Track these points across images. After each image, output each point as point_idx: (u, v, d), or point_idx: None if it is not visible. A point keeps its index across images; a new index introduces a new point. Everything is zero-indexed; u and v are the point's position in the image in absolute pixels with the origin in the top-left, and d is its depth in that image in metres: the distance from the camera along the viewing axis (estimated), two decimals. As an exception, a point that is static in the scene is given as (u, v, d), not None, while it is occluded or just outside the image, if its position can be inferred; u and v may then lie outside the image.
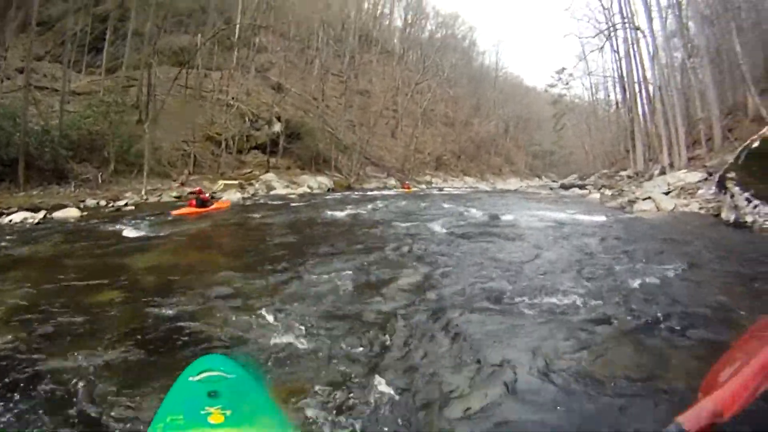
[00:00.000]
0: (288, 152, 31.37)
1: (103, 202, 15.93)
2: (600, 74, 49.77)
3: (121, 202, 16.02)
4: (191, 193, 17.35)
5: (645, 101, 32.38)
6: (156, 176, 21.50)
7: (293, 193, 22.77)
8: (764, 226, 8.76)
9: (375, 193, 27.11)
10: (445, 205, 16.14)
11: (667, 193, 15.31)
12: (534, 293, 4.50)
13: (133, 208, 14.87)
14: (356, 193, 26.85)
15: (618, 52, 37.92)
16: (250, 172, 26.04)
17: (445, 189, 37.41)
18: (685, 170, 18.50)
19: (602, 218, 11.60)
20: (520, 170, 77.93)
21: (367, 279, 5.33)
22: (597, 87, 53.81)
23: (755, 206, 9.18)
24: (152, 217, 11.81)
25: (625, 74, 37.64)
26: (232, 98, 29.75)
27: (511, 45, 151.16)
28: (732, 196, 9.80)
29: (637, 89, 32.81)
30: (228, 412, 1.85)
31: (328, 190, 27.58)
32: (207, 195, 14.69)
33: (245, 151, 28.90)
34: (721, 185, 10.54)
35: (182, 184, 21.27)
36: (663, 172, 22.87)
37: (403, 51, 65.71)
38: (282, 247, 7.90)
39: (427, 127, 59.29)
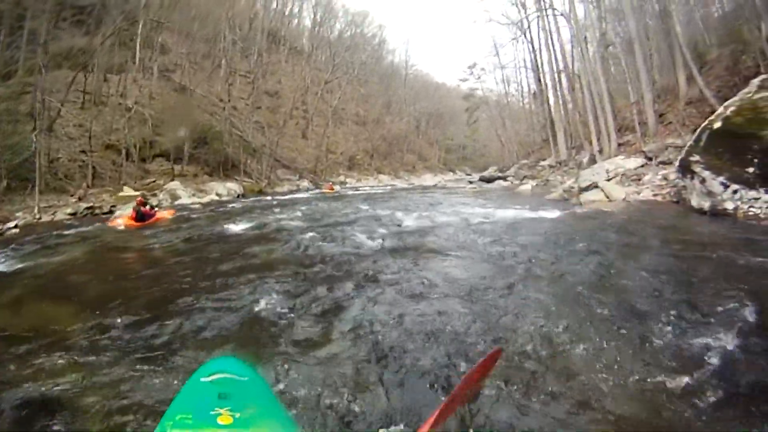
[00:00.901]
0: (195, 158, 30.40)
1: None
2: (513, 66, 51.61)
3: (11, 224, 14.64)
4: (87, 208, 16.80)
5: (567, 90, 33.34)
6: (52, 191, 20.19)
7: (199, 202, 21.98)
8: (749, 213, 8.23)
9: (289, 197, 26.60)
10: (367, 208, 15.44)
11: (608, 180, 15.31)
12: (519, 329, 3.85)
13: (17, 231, 13.47)
14: (268, 197, 26.37)
15: (532, 44, 39.26)
16: (153, 182, 25.02)
17: (361, 189, 37.26)
18: (622, 156, 18.67)
19: (553, 214, 11.08)
20: (434, 166, 78.84)
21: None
22: (509, 80, 55.86)
23: (734, 191, 8.63)
24: (34, 244, 10.56)
25: (540, 64, 39.08)
26: (134, 102, 28.52)
27: (420, 42, 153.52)
28: (702, 181, 9.26)
29: (556, 78, 33.92)
30: (237, 415, 1.88)
31: (238, 196, 26.91)
32: (148, 207, 13.89)
33: (149, 159, 27.75)
34: (685, 169, 9.98)
35: (80, 199, 20.15)
36: (593, 160, 23.46)
37: (312, 49, 65.20)
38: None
39: (339, 127, 59.37)
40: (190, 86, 35.61)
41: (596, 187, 14.58)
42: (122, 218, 13.27)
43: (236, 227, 11.52)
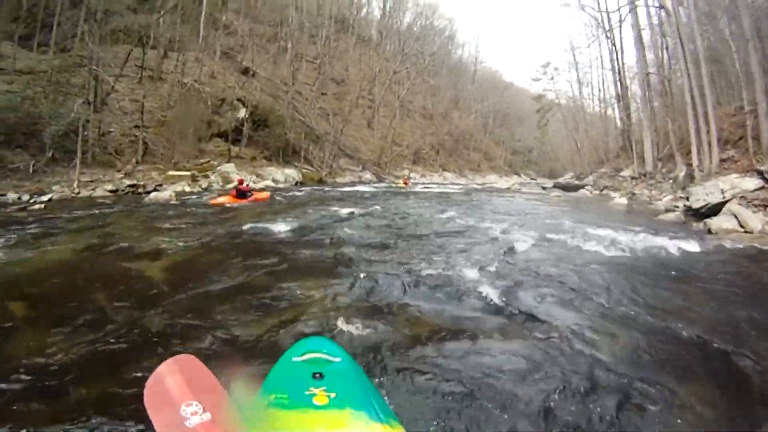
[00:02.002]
0: (254, 141, 28.53)
1: (26, 197, 13.61)
2: (589, 67, 48.15)
3: (44, 197, 13.64)
4: (130, 185, 15.32)
5: (657, 94, 29.83)
6: (99, 165, 18.97)
7: (254, 187, 19.96)
8: None
9: (353, 188, 24.26)
10: (453, 215, 12.30)
11: (724, 202, 12.40)
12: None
13: (42, 207, 11.87)
14: (328, 188, 24.16)
15: (614, 42, 36.13)
16: (207, 162, 23.22)
17: (429, 186, 34.51)
18: (736, 175, 15.21)
19: (691, 246, 8.16)
20: (499, 167, 76.06)
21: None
22: (584, 81, 52.09)
23: None
24: (38, 224, 8.97)
25: (622, 65, 35.89)
26: (194, 81, 26.93)
27: (491, 39, 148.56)
28: None
29: (643, 81, 30.53)
30: (332, 395, 1.84)
31: (296, 183, 24.97)
32: (246, 186, 14.92)
33: (206, 138, 25.99)
34: None
35: (126, 175, 18.58)
36: (690, 176, 20.55)
37: (380, 39, 63.09)
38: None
39: (405, 119, 56.88)
40: (254, 68, 33.84)
41: (719, 211, 11.95)
42: (224, 197, 14.03)
43: (284, 228, 9.02)
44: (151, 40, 27.10)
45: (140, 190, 16.47)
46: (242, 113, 27.47)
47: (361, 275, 5.38)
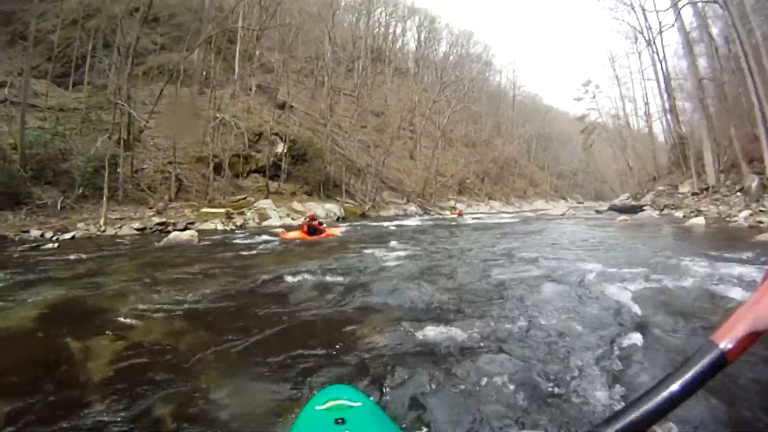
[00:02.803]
0: (293, 176, 27.35)
1: (49, 233, 13.09)
2: (634, 81, 46.14)
3: (68, 235, 13.13)
4: (159, 223, 14.13)
5: (712, 100, 27.49)
6: (131, 202, 18.29)
7: (292, 224, 18.57)
8: None
9: (396, 223, 21.74)
10: (521, 252, 9.80)
11: None
12: None
13: (55, 246, 10.73)
14: (372, 223, 22.11)
15: (658, 54, 34.19)
16: (243, 199, 21.96)
17: (480, 216, 32.60)
18: None
19: None
20: (545, 192, 74.68)
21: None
22: (627, 97, 49.84)
23: None
24: (35, 267, 7.88)
25: (666, 74, 33.89)
26: (231, 116, 26.08)
27: (528, 63, 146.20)
28: None
29: (696, 87, 28.30)
30: None
31: (338, 219, 23.42)
32: (317, 222, 14.33)
33: (243, 174, 24.92)
34: None
35: (158, 213, 17.46)
36: (763, 187, 18.42)
37: (417, 69, 62.23)
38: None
39: (447, 149, 55.45)
40: (290, 102, 32.95)
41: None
42: (295, 232, 13.88)
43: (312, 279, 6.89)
44: (182, 76, 26.52)
45: (169, 228, 15.22)
46: (280, 147, 26.37)
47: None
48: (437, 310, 5.06)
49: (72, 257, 8.95)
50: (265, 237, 13.58)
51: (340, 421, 1.84)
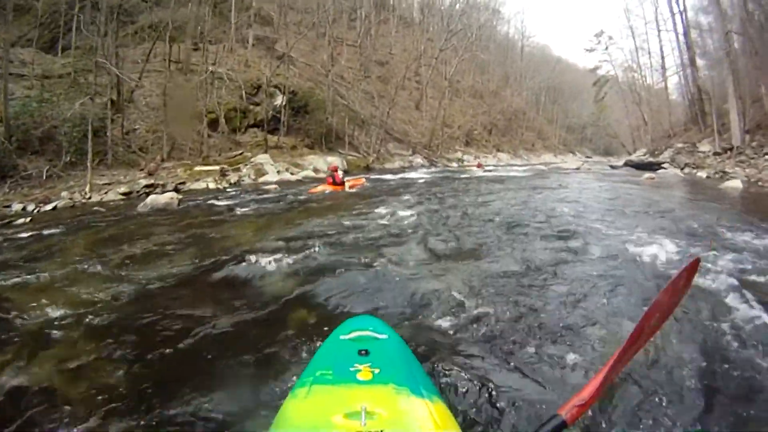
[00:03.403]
0: (294, 129, 26.24)
1: (31, 206, 12.04)
2: (649, 34, 44.50)
3: (50, 206, 12.18)
4: (147, 186, 13.55)
5: (743, 53, 25.76)
6: (122, 165, 17.19)
7: (290, 179, 17.96)
8: None
9: (402, 176, 20.96)
10: (556, 209, 9.00)
11: None
12: None
13: (27, 221, 9.68)
14: (376, 176, 21.17)
15: (678, 3, 32.51)
16: (240, 155, 20.91)
17: (491, 168, 31.26)
18: None
19: None
20: (553, 146, 73.54)
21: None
22: (643, 50, 47.95)
23: None
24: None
25: (687, 27, 32.29)
26: (228, 71, 24.93)
27: (537, 12, 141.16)
28: None
29: (720, 40, 26.68)
30: (377, 371, 1.83)
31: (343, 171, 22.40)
32: (339, 174, 14.49)
33: (241, 129, 23.89)
34: None
35: (149, 174, 16.52)
36: None
37: (422, 17, 60.03)
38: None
39: (454, 100, 53.66)
40: (290, 54, 31.60)
41: None
42: (321, 186, 13.74)
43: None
44: (169, 30, 25.03)
45: (157, 190, 14.21)
46: (279, 100, 25.18)
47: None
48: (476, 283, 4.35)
49: (38, 233, 7.90)
50: (254, 196, 12.73)
51: (363, 352, 1.96)
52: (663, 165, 26.17)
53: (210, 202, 11.46)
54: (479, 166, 30.31)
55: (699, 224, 7.27)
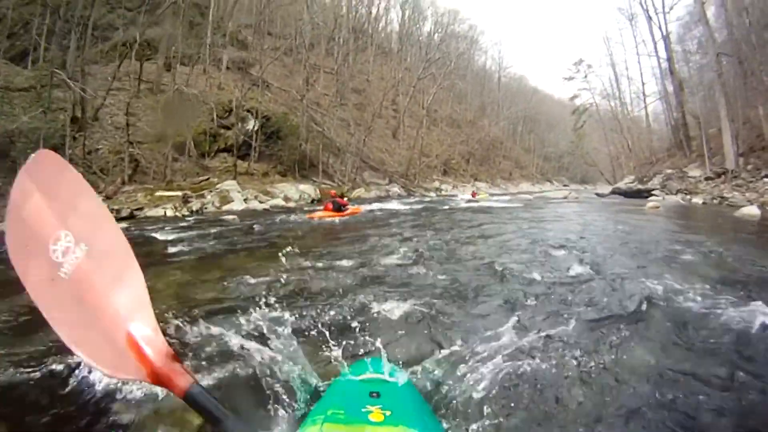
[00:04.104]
0: (266, 156, 25.39)
1: None
2: (631, 57, 44.78)
3: None
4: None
5: (732, 74, 25.53)
6: None
7: (256, 208, 16.88)
8: None
9: (382, 206, 19.30)
10: (564, 251, 7.23)
11: None
12: None
13: None
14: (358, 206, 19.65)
15: (661, 29, 32.66)
16: (205, 180, 19.91)
17: (468, 198, 29.65)
18: None
19: None
20: (531, 175, 73.87)
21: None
22: (622, 76, 48.50)
23: None
24: None
25: (668, 53, 32.44)
26: (200, 92, 24.14)
27: (513, 43, 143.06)
28: None
29: (711, 64, 26.57)
30: (388, 413, 1.76)
31: (312, 201, 21.38)
32: (345, 200, 14.82)
33: (210, 154, 22.94)
34: None
35: (108, 197, 15.50)
36: None
37: (401, 47, 60.01)
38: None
39: (432, 129, 53.74)
40: (265, 78, 30.89)
41: None
42: (320, 212, 13.67)
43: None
44: (145, 51, 24.41)
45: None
46: (251, 124, 24.35)
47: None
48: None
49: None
50: (208, 229, 10.88)
51: (375, 394, 1.93)
52: (653, 192, 25.61)
53: (153, 235, 9.75)
54: (473, 195, 29.70)
55: (747, 266, 6.21)
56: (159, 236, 9.28)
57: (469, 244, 8.17)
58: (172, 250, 7.61)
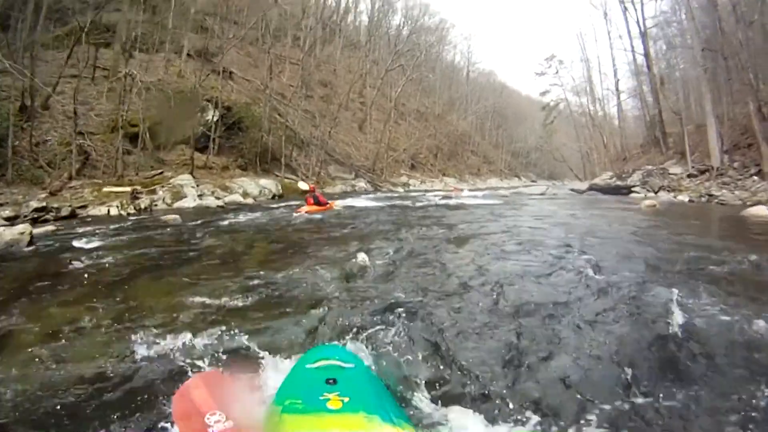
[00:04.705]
0: (226, 148, 24.37)
1: None
2: (603, 53, 44.90)
3: None
4: (38, 209, 11.33)
5: (724, 70, 25.17)
6: (25, 182, 15.12)
7: (209, 205, 15.98)
8: None
9: (351, 203, 17.86)
10: (566, 254, 6.51)
11: None
12: None
13: None
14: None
15: (639, 24, 32.54)
16: (159, 174, 18.85)
17: (439, 193, 27.75)
18: None
19: None
20: (499, 170, 74.08)
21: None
22: (594, 70, 48.58)
23: None
24: None
25: (645, 48, 32.39)
26: (158, 80, 23.13)
27: (482, 39, 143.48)
28: None
29: (696, 58, 26.33)
30: (346, 399, 1.84)
31: (274, 197, 20.67)
32: (320, 194, 14.71)
33: (168, 146, 21.90)
34: None
35: (52, 194, 14.50)
36: None
37: (369, 38, 59.21)
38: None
39: (400, 123, 53.16)
40: (228, 67, 29.87)
41: None
42: (305, 207, 13.44)
43: None
44: (103, 37, 23.69)
45: (50, 215, 11.98)
46: (210, 114, 23.35)
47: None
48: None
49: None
50: (144, 231, 9.75)
51: (331, 381, 2.01)
52: (633, 189, 25.13)
53: (76, 244, 7.96)
54: (455, 190, 27.64)
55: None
56: (82, 244, 7.88)
57: (452, 245, 7.53)
58: (80, 265, 6.11)
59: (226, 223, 11.41)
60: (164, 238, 8.99)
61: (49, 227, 9.81)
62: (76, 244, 7.88)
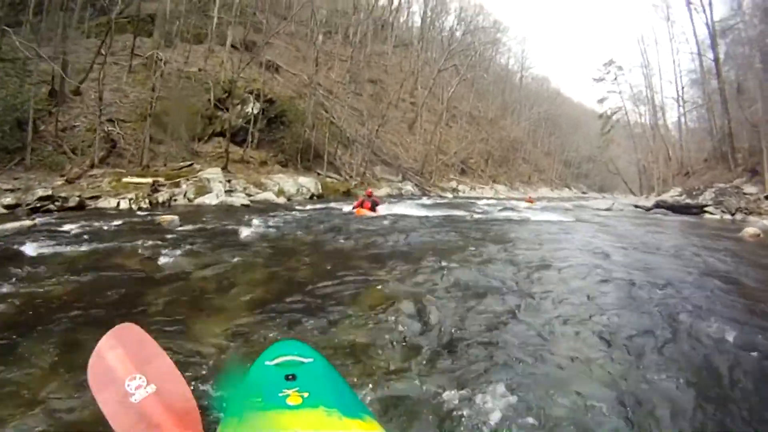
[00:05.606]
0: (267, 143, 23.05)
1: None
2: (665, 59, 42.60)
3: None
4: (43, 198, 10.69)
5: None
6: (44, 168, 14.25)
7: (233, 203, 14.25)
8: None
9: (402, 212, 14.54)
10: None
11: None
12: None
13: None
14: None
15: (709, 29, 29.85)
16: (188, 166, 17.42)
17: (492, 202, 25.08)
18: None
19: None
20: (550, 179, 71.45)
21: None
22: (653, 76, 45.71)
23: None
24: None
25: (715, 53, 29.65)
26: (199, 70, 22.03)
27: (537, 43, 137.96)
28: None
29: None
30: (305, 395, 1.81)
31: (312, 197, 19.06)
32: (378, 198, 14.64)
33: (204, 138, 20.69)
34: None
35: (68, 181, 13.25)
36: None
37: (421, 38, 57.49)
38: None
39: (451, 125, 51.14)
40: (273, 60, 28.64)
41: None
42: (363, 210, 12.85)
43: None
44: (143, 25, 23.01)
45: (54, 205, 10.60)
46: (251, 107, 21.99)
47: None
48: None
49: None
50: (136, 235, 7.39)
51: (290, 377, 1.95)
52: (706, 209, 22.39)
53: (54, 246, 6.19)
54: (529, 200, 26.05)
55: None
56: (33, 249, 5.94)
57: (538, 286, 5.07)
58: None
59: (230, 227, 8.80)
60: (124, 253, 6.09)
61: (40, 220, 8.52)
62: (27, 248, 5.96)
